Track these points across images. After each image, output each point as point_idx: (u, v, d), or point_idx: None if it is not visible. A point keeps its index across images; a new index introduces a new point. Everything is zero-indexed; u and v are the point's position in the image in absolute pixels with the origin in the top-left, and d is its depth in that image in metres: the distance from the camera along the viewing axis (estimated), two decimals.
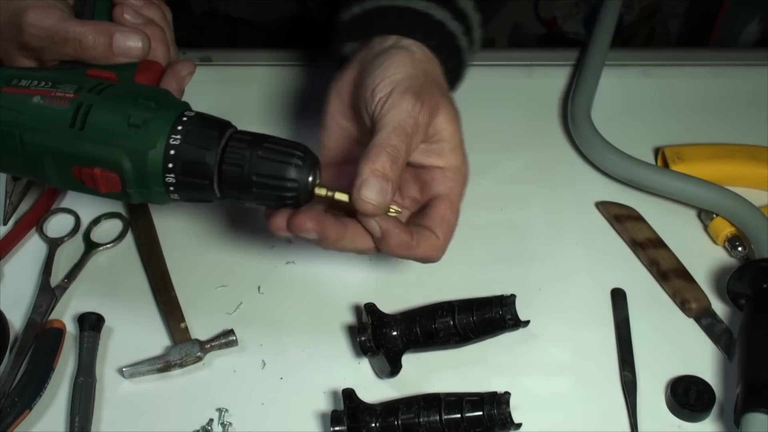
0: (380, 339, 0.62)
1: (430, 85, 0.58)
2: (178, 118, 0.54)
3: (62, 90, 0.55)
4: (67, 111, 0.54)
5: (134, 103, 0.54)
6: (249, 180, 0.53)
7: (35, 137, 0.54)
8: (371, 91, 0.57)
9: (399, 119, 0.55)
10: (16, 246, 0.72)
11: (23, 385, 0.61)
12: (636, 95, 0.88)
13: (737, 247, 0.71)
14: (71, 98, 0.54)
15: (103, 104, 0.54)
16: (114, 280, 0.71)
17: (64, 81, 0.56)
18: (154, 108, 0.54)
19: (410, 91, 0.56)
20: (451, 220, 0.59)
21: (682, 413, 0.61)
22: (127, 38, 0.59)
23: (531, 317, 0.65)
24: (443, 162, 0.59)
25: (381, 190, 0.53)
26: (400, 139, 0.55)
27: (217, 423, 0.61)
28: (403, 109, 0.55)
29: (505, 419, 0.59)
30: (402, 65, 0.58)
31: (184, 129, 0.53)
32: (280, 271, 0.71)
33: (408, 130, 0.55)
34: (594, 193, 0.77)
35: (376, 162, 0.53)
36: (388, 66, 0.58)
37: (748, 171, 0.77)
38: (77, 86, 0.55)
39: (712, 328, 0.67)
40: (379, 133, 0.55)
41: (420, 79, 0.58)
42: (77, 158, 0.54)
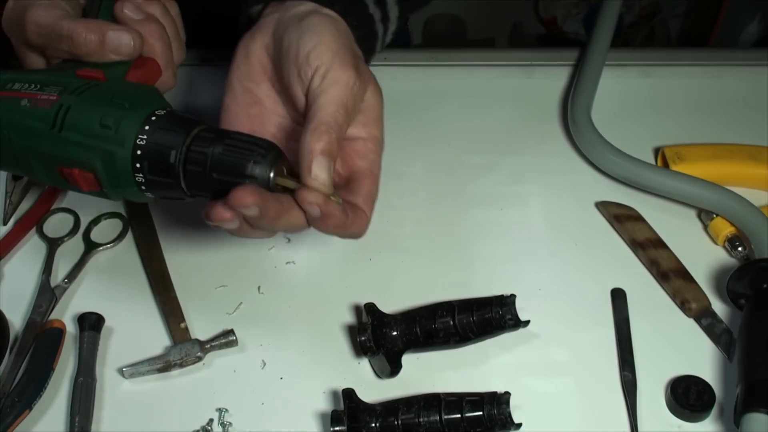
0: (380, 339, 0.62)
1: (359, 58, 0.58)
2: (147, 118, 0.54)
3: (47, 92, 0.56)
4: (49, 113, 0.55)
5: (109, 103, 0.55)
6: (210, 178, 0.52)
7: (22, 138, 0.56)
8: (305, 56, 0.56)
9: (342, 96, 0.54)
10: (16, 246, 0.72)
11: (23, 385, 0.61)
12: (636, 95, 0.88)
13: (737, 247, 0.71)
14: (54, 101, 0.55)
15: (80, 105, 0.55)
16: (114, 280, 0.71)
17: (52, 83, 0.57)
18: (126, 108, 0.54)
19: (350, 64, 0.55)
20: (375, 195, 0.59)
21: (682, 413, 0.61)
22: (119, 36, 0.59)
23: (531, 317, 0.65)
24: (365, 133, 0.59)
25: (328, 169, 0.53)
26: (343, 117, 0.54)
27: (217, 423, 0.61)
28: (345, 84, 0.55)
29: (505, 419, 0.59)
30: (332, 34, 0.57)
31: (151, 128, 0.54)
32: (280, 271, 0.71)
33: (350, 108, 0.55)
34: (594, 193, 0.77)
35: (323, 141, 0.53)
36: (319, 32, 0.57)
37: (747, 171, 0.77)
38: (62, 88, 0.56)
39: (712, 328, 0.67)
40: (323, 110, 0.54)
41: (352, 52, 0.57)
42: (58, 159, 0.55)
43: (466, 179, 0.79)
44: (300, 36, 0.56)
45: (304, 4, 0.59)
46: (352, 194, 0.58)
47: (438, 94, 0.88)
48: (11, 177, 0.75)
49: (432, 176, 0.79)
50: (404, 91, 0.88)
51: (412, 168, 0.80)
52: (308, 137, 0.53)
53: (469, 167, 0.80)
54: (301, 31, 0.57)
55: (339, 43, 0.56)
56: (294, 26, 0.57)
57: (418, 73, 0.90)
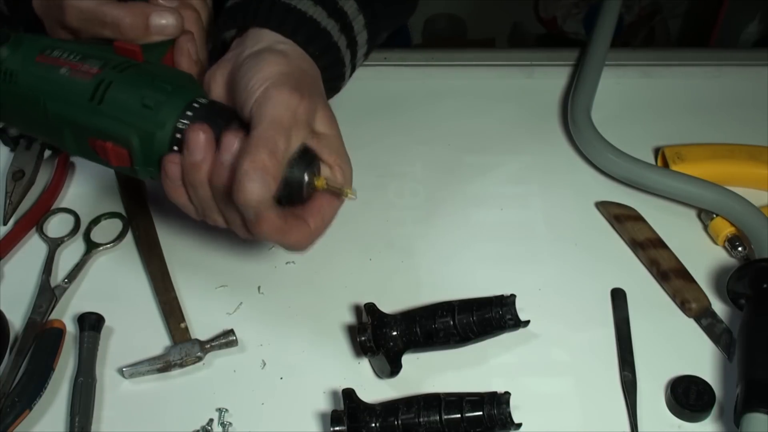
0: (380, 339, 0.62)
1: (308, 82, 0.58)
2: (189, 103, 0.56)
3: (89, 64, 0.57)
4: (89, 85, 0.56)
5: (151, 84, 0.56)
6: None
7: (58, 106, 0.57)
8: (245, 88, 0.56)
9: (275, 112, 0.54)
10: (16, 246, 0.72)
11: (23, 385, 0.61)
12: (636, 95, 0.88)
13: (737, 247, 0.71)
14: (95, 73, 0.57)
15: (122, 82, 0.56)
16: (114, 280, 0.71)
17: (93, 56, 0.58)
18: (169, 91, 0.56)
19: (287, 84, 0.55)
20: (327, 215, 0.58)
21: (682, 413, 0.61)
22: (161, 16, 0.61)
23: (531, 317, 0.65)
24: (326, 158, 0.58)
25: (262, 182, 0.52)
26: (276, 131, 0.53)
27: (217, 423, 0.61)
28: (279, 101, 0.54)
29: (505, 419, 0.59)
30: (276, 63, 0.57)
31: (193, 114, 0.55)
32: (280, 271, 0.71)
33: (285, 123, 0.54)
34: (594, 193, 0.77)
35: (254, 155, 0.52)
36: (262, 64, 0.57)
37: (747, 171, 0.77)
38: (103, 62, 0.57)
39: (712, 328, 0.67)
40: (256, 127, 0.54)
41: (296, 75, 0.57)
42: (93, 130, 0.57)
43: (466, 179, 0.79)
44: (246, 73, 0.57)
45: (264, 38, 0.60)
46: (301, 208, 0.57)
47: (438, 94, 0.88)
48: (11, 177, 0.75)
49: (432, 176, 0.79)
50: (404, 91, 0.88)
51: (412, 168, 0.80)
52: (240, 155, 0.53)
53: (469, 167, 0.80)
54: (247, 68, 0.57)
55: (279, 72, 0.56)
56: (246, 65, 0.57)
57: (418, 73, 0.90)
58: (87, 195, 0.77)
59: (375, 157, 0.80)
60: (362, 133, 0.81)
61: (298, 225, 0.57)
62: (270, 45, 0.59)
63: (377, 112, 0.86)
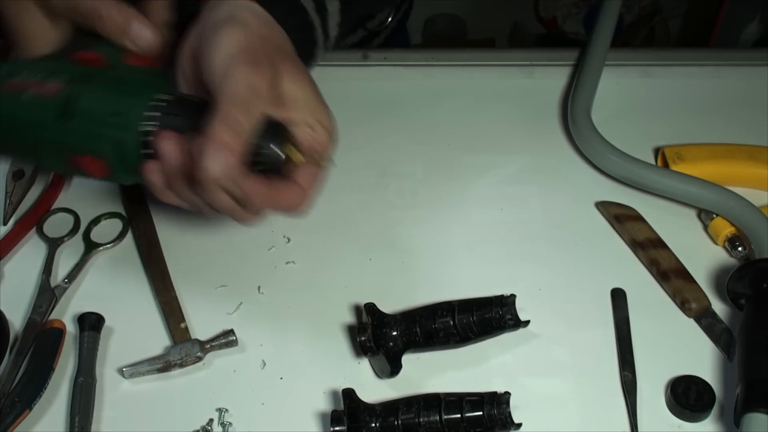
0: (380, 339, 0.62)
1: (268, 50, 0.56)
2: (157, 102, 0.55)
3: (54, 81, 0.57)
4: (57, 102, 0.56)
5: (116, 89, 0.56)
6: None
7: (30, 130, 0.57)
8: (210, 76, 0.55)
9: (232, 89, 0.53)
10: (16, 246, 0.72)
11: (23, 385, 0.61)
12: (636, 95, 0.88)
13: (737, 247, 0.71)
14: (61, 89, 0.56)
15: (88, 93, 0.56)
16: (114, 280, 0.71)
17: (57, 71, 0.57)
18: (133, 93, 0.55)
19: (243, 60, 0.54)
20: (315, 172, 0.57)
21: (682, 413, 0.61)
22: (142, 27, 0.60)
23: (531, 317, 0.65)
24: (298, 116, 0.57)
25: (221, 159, 0.52)
26: (234, 106, 0.53)
27: (217, 423, 0.61)
28: (236, 78, 0.53)
29: (505, 419, 0.59)
30: (235, 39, 0.55)
31: (161, 114, 0.55)
32: (280, 271, 0.71)
33: (243, 97, 0.53)
34: (594, 193, 0.77)
35: (213, 132, 0.52)
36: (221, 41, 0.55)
37: (747, 171, 0.77)
38: (68, 76, 0.57)
39: (712, 328, 0.67)
40: (217, 105, 0.53)
41: (255, 48, 0.56)
42: (69, 147, 0.56)
43: (466, 179, 0.79)
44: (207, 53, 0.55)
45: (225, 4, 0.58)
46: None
47: (438, 94, 0.88)
48: (11, 177, 0.75)
49: (432, 176, 0.79)
50: (404, 91, 0.88)
51: (412, 168, 0.80)
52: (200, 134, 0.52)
53: (469, 167, 0.80)
54: (208, 47, 0.56)
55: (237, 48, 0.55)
56: (206, 43, 0.56)
57: (418, 73, 0.90)
58: (87, 195, 0.77)
59: (375, 157, 0.80)
60: (362, 133, 0.81)
61: (287, 187, 0.56)
62: (230, 13, 0.57)
63: (377, 112, 0.86)
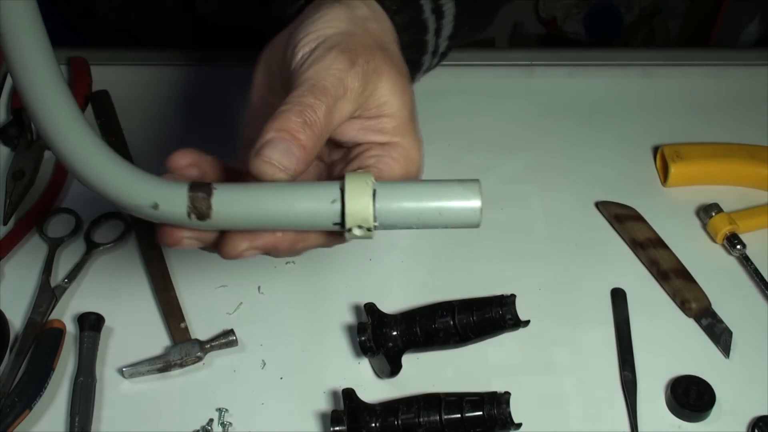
0: (380, 339, 0.62)
1: (369, 45, 0.48)
2: None
3: None
4: None
5: None
6: None
7: None
8: (293, 48, 0.47)
9: (319, 76, 0.45)
10: (16, 246, 0.72)
11: (23, 385, 0.61)
12: (636, 95, 0.88)
13: (736, 246, 0.71)
14: None
15: None
16: (114, 280, 0.71)
17: None
18: None
19: (339, 46, 0.46)
20: None
21: (682, 413, 0.61)
22: None
23: (531, 317, 0.65)
24: (386, 138, 0.48)
25: (287, 152, 0.43)
26: (317, 98, 0.44)
27: (217, 423, 0.61)
28: (326, 65, 0.45)
29: (505, 419, 0.59)
30: (336, 19, 0.48)
31: None
32: (280, 271, 0.71)
33: (330, 91, 0.45)
34: (594, 193, 0.77)
35: (283, 122, 0.43)
36: (318, 20, 0.48)
37: (747, 170, 0.77)
38: None
39: (712, 328, 0.67)
40: (294, 91, 0.45)
41: (357, 37, 0.48)
42: None
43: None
44: (299, 31, 0.48)
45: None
46: None
47: (438, 93, 0.87)
48: (11, 177, 0.75)
49: (432, 176, 0.79)
50: None
51: None
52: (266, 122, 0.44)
53: (469, 167, 0.80)
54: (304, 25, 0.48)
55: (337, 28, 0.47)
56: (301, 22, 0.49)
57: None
58: (87, 195, 0.76)
59: None
60: None
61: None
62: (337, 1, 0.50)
63: None
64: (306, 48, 0.46)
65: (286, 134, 0.43)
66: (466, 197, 0.43)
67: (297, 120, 0.43)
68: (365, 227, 0.42)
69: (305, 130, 0.43)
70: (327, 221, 0.42)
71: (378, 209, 0.42)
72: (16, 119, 0.79)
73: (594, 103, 0.84)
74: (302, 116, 0.44)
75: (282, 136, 0.43)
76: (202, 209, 0.42)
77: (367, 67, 0.46)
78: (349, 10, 0.49)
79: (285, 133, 0.43)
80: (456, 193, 0.43)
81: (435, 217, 0.43)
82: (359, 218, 0.42)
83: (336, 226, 0.42)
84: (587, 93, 0.87)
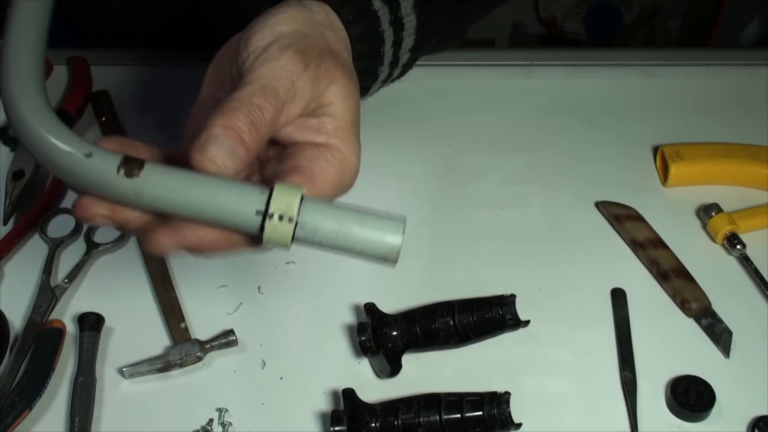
0: (380, 339, 0.62)
1: (322, 49, 0.48)
2: None
3: None
4: None
5: None
6: None
7: None
8: (246, 40, 0.47)
9: (272, 76, 0.44)
10: (16, 246, 0.72)
11: (23, 385, 0.61)
12: (636, 95, 0.88)
13: (736, 246, 0.71)
14: None
15: None
16: (114, 280, 0.70)
17: None
18: None
19: (294, 47, 0.46)
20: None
21: (682, 413, 0.61)
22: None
23: (531, 317, 0.65)
24: (324, 139, 0.47)
25: (231, 153, 0.42)
26: (266, 99, 0.44)
27: (217, 423, 0.61)
28: (280, 65, 0.45)
29: (505, 419, 0.59)
30: (292, 19, 0.48)
31: None
32: (280, 271, 0.71)
33: (281, 94, 0.44)
34: (594, 193, 0.77)
35: (231, 118, 0.43)
36: (275, 16, 0.48)
37: (746, 170, 0.77)
38: None
39: (712, 328, 0.67)
40: (243, 87, 0.44)
41: (311, 39, 0.47)
42: None
43: (466, 179, 0.79)
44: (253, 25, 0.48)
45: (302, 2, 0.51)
46: None
47: (438, 93, 0.88)
48: (11, 177, 0.75)
49: (432, 176, 0.79)
50: (404, 91, 0.88)
51: (412, 167, 0.80)
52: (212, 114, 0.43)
53: (469, 167, 0.80)
54: (258, 21, 0.48)
55: (291, 27, 0.47)
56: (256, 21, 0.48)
57: (418, 73, 0.90)
58: None
59: (375, 157, 0.80)
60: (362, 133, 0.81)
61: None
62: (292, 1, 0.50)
63: (377, 112, 0.85)
64: (260, 43, 0.46)
65: (232, 132, 0.43)
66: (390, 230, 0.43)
67: (244, 120, 0.43)
68: (286, 218, 0.42)
69: (251, 131, 0.43)
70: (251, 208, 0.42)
71: (304, 205, 0.43)
72: None
73: (594, 103, 0.84)
74: (250, 116, 0.43)
75: (228, 133, 0.43)
76: (132, 169, 0.42)
77: (318, 71, 0.46)
78: (308, 13, 0.49)
79: (231, 131, 0.43)
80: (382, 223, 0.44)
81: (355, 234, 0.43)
82: (283, 205, 0.42)
83: (258, 216, 0.42)
84: (587, 93, 0.87)
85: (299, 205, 0.42)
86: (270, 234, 0.42)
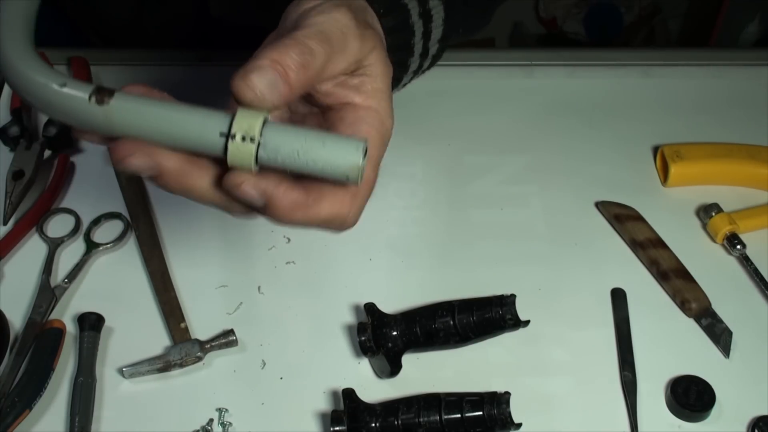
0: (380, 339, 0.62)
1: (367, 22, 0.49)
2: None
3: None
4: None
5: None
6: None
7: None
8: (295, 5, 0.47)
9: (326, 25, 0.44)
10: (16, 246, 0.72)
11: (23, 385, 0.61)
12: (636, 95, 0.88)
13: (736, 246, 0.71)
14: None
15: None
16: (114, 280, 0.71)
17: None
18: None
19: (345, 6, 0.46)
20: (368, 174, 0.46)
21: (682, 413, 0.61)
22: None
23: (531, 317, 0.65)
24: (361, 100, 0.47)
25: (272, 86, 0.42)
26: (320, 44, 0.43)
27: (217, 423, 0.61)
28: (335, 18, 0.45)
29: (505, 419, 0.59)
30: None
31: None
32: (280, 271, 0.71)
33: (333, 42, 0.44)
34: (594, 193, 0.77)
35: (282, 53, 0.42)
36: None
37: (746, 170, 0.77)
38: None
39: (712, 328, 0.67)
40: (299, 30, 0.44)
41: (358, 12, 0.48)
42: None
43: (466, 179, 0.79)
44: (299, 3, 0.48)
45: None
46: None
47: (438, 94, 0.88)
48: (11, 177, 0.75)
49: (432, 176, 0.79)
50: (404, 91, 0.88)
51: (412, 168, 0.80)
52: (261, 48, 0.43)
53: (469, 167, 0.80)
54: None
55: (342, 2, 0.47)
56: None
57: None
58: (87, 195, 0.77)
59: None
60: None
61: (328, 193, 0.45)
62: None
63: None
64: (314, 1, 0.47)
65: (279, 67, 0.42)
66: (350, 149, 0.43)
67: (296, 58, 0.43)
68: (248, 138, 0.42)
69: (299, 71, 0.43)
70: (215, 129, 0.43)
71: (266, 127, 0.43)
72: (16, 119, 0.79)
73: (594, 103, 0.84)
74: (302, 56, 0.43)
75: (274, 66, 0.42)
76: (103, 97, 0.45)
77: (366, 33, 0.47)
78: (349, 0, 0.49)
79: (278, 66, 0.42)
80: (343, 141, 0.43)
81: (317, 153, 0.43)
82: (245, 126, 0.42)
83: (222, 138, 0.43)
84: (587, 93, 0.87)
85: (261, 126, 0.43)
86: (233, 155, 0.43)
